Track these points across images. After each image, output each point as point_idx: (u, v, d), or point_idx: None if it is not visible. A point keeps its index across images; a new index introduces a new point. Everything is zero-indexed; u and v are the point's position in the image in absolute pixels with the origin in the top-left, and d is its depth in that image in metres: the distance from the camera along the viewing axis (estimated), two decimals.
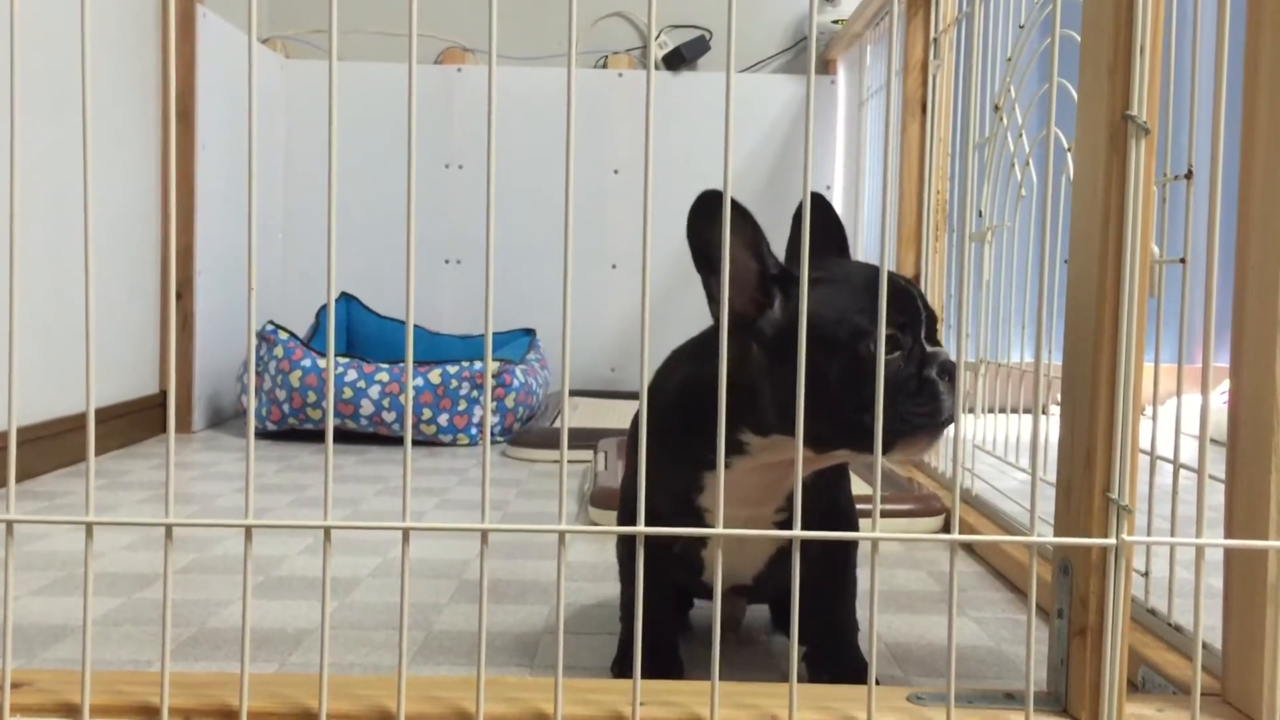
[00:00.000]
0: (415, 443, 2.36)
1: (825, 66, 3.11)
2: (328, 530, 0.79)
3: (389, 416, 2.37)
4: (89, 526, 0.79)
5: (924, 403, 0.83)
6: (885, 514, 1.53)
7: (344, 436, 2.38)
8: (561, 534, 0.80)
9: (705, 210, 0.81)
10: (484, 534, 0.79)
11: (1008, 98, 1.60)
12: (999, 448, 1.68)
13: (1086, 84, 0.81)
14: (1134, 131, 0.77)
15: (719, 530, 0.80)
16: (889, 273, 0.86)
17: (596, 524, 1.63)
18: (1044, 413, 0.87)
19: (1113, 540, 0.78)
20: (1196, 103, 0.97)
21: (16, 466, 0.80)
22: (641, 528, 0.78)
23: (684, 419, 0.89)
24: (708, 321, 0.90)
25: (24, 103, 0.76)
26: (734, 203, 0.81)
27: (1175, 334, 1.01)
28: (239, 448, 2.32)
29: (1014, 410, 1.68)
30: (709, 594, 1.04)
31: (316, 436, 2.44)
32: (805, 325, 0.75)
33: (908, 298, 0.86)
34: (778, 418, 0.86)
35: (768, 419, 0.87)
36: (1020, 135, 1.57)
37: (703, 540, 0.98)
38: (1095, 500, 0.79)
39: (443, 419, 2.42)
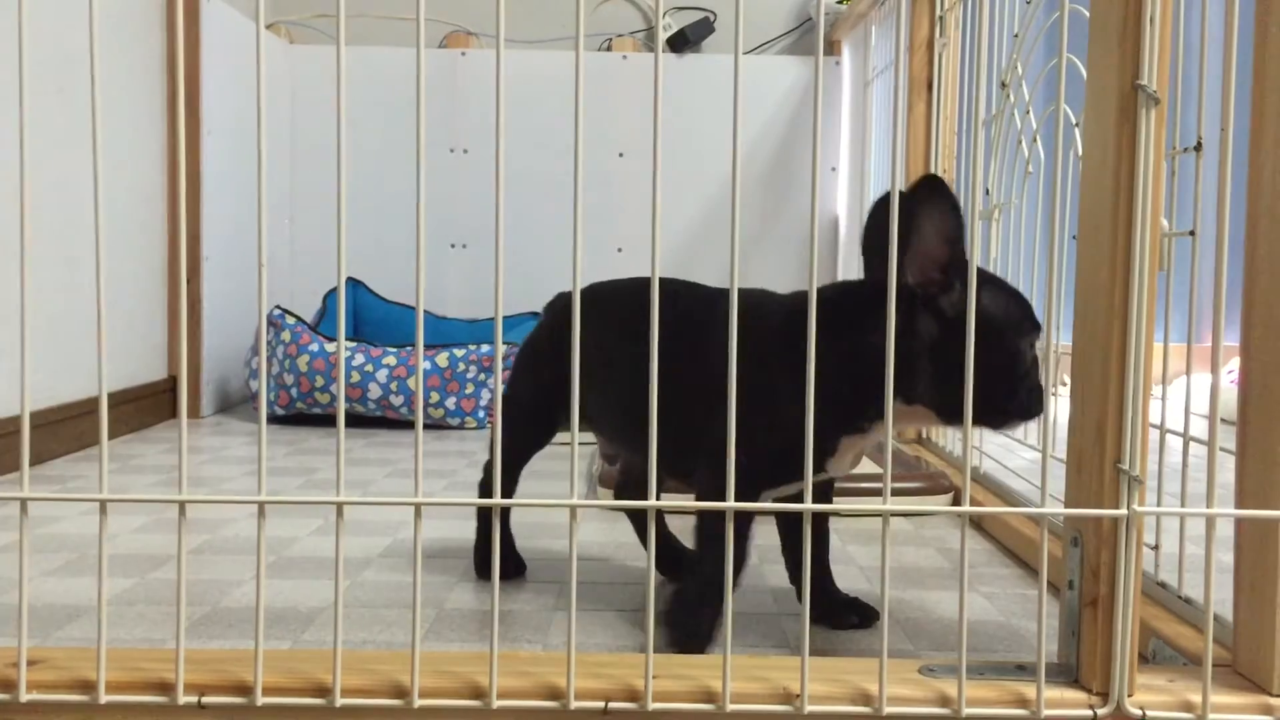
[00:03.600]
0: (423, 426, 2.37)
1: (830, 47, 3.10)
2: (340, 506, 0.80)
3: (397, 400, 2.38)
4: (103, 504, 0.80)
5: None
6: (894, 492, 1.53)
7: (352, 420, 2.38)
8: (573, 508, 0.81)
9: (926, 191, 0.90)
10: (496, 509, 0.80)
11: (1014, 74, 1.59)
12: None
13: (1096, 54, 0.81)
14: (1144, 101, 0.76)
15: (735, 503, 0.81)
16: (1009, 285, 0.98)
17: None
18: (1053, 393, 0.87)
19: (1124, 511, 0.78)
20: (1205, 75, 0.97)
21: (28, 455, 0.81)
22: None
23: (849, 383, 0.94)
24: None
25: (30, 90, 0.77)
26: (947, 192, 0.90)
27: (1184, 314, 1.01)
28: (248, 432, 2.33)
29: None
30: None
31: (324, 421, 2.45)
32: (971, 315, 0.81)
33: (1029, 305, 0.96)
34: (934, 390, 0.93)
35: (919, 389, 0.94)
36: (1027, 112, 1.56)
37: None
38: (1106, 472, 0.79)
39: (450, 402, 2.42)
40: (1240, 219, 0.85)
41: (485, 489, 1.22)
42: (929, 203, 0.90)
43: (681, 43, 3.13)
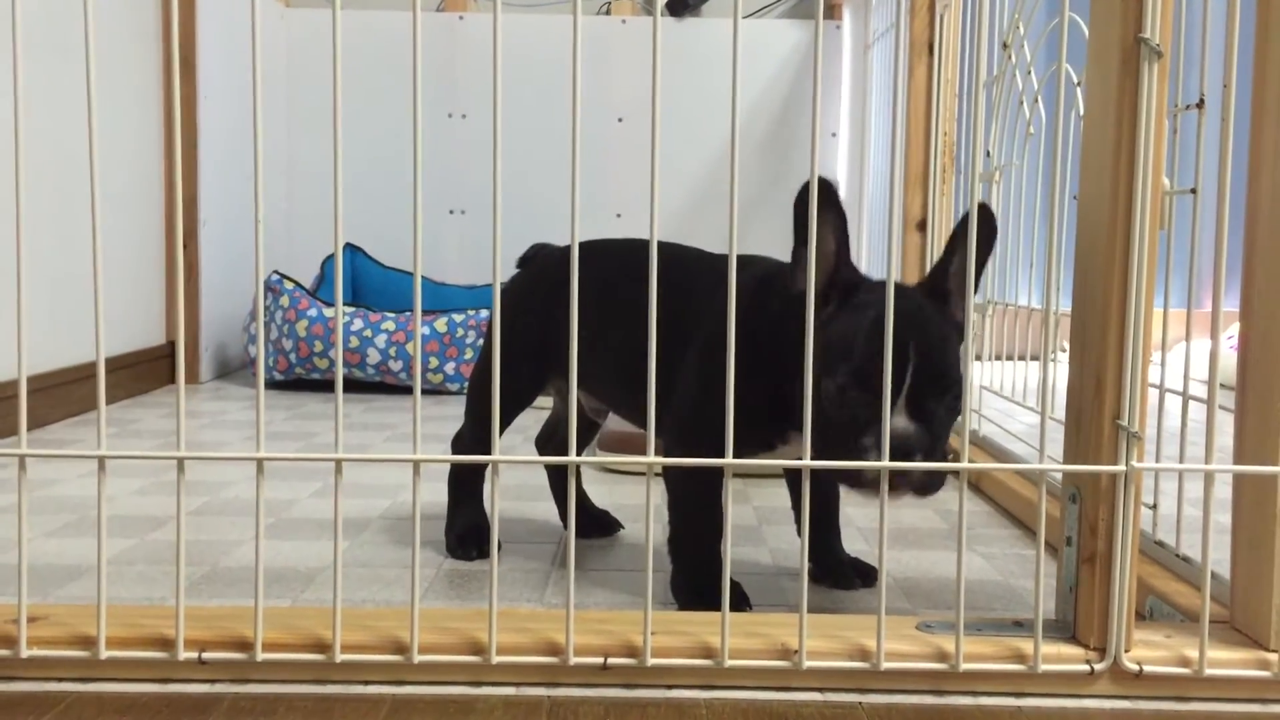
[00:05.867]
0: (422, 391, 2.37)
1: (830, 11, 3.08)
2: (339, 463, 0.80)
3: (395, 366, 2.38)
4: (101, 460, 0.80)
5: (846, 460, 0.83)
6: None
7: (350, 386, 2.38)
8: (574, 465, 0.81)
9: (820, 197, 0.81)
10: (494, 465, 0.80)
11: (1016, 35, 1.58)
12: (1006, 390, 1.68)
13: (1099, 7, 0.80)
14: (1147, 54, 0.76)
15: (730, 460, 0.81)
16: (904, 319, 0.81)
17: (605, 466, 1.64)
18: (1051, 359, 0.87)
19: (1122, 467, 0.78)
20: (1209, 31, 0.96)
21: (26, 415, 0.80)
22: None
23: (768, 387, 0.91)
24: None
25: (25, 53, 0.76)
26: (837, 200, 0.86)
27: (1183, 277, 1.00)
28: (246, 397, 2.33)
29: (1020, 357, 1.68)
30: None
31: (323, 386, 2.45)
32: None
33: (899, 357, 0.81)
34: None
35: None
36: (1029, 72, 1.55)
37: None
38: (1105, 428, 0.79)
39: (449, 367, 2.42)
40: (1241, 178, 0.85)
41: (456, 471, 1.20)
42: (822, 209, 0.81)
43: (680, 6, 3.11)
